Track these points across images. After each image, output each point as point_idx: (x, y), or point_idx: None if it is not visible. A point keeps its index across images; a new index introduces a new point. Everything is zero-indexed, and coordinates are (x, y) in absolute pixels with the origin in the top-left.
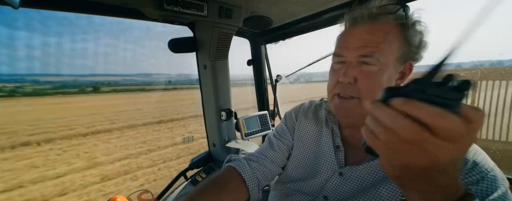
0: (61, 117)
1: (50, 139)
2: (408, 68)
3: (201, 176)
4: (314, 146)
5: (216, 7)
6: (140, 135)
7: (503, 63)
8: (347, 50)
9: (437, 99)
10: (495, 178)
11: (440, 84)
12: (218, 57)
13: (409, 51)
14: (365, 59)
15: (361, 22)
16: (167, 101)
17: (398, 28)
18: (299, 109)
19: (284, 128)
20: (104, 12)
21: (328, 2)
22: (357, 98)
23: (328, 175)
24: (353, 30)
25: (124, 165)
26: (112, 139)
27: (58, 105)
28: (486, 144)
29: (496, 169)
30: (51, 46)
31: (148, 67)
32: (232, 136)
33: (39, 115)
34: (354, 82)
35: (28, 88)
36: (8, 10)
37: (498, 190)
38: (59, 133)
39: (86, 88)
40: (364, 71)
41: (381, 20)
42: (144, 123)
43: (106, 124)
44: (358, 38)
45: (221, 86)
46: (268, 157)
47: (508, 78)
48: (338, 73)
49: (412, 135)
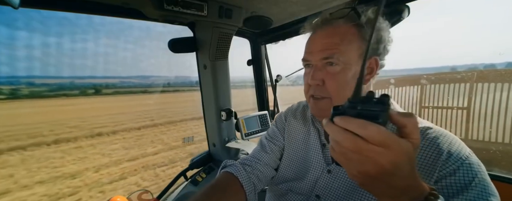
0: (97, 115)
1: (115, 131)
2: (374, 63)
3: (201, 176)
4: (303, 146)
5: (216, 7)
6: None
7: (495, 66)
8: (311, 54)
9: (365, 112)
10: (470, 166)
11: (365, 100)
12: (218, 57)
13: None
14: (327, 60)
15: (319, 28)
16: (189, 101)
17: (354, 28)
18: (288, 111)
19: (275, 129)
20: (104, 12)
21: (328, 2)
22: (328, 97)
23: (318, 173)
24: (314, 36)
25: (197, 147)
26: (167, 131)
27: (72, 106)
28: (487, 145)
29: (471, 156)
30: (46, 47)
31: (147, 68)
32: (232, 136)
33: (71, 114)
34: (322, 83)
35: (24, 91)
36: (8, 10)
37: (475, 179)
38: (116, 127)
39: (87, 90)
40: (329, 72)
41: (335, 24)
42: (181, 119)
43: (148, 121)
44: (319, 43)
45: (221, 86)
46: (262, 160)
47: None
48: (308, 77)
49: (352, 146)
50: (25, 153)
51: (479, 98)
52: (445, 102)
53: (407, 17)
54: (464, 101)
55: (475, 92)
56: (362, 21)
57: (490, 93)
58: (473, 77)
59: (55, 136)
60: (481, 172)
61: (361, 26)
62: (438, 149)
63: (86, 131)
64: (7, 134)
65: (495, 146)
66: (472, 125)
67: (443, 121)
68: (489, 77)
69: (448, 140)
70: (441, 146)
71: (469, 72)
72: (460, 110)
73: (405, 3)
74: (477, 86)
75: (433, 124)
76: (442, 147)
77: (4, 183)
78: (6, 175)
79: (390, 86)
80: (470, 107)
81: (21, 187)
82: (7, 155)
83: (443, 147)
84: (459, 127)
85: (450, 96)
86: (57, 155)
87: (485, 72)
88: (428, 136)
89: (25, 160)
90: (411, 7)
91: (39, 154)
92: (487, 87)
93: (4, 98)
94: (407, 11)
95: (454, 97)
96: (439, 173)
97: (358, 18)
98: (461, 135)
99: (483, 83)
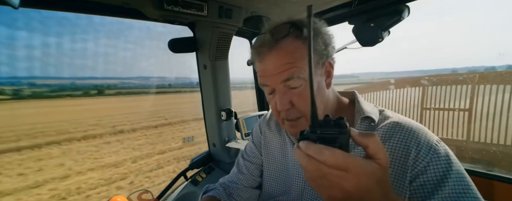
0: (110, 115)
1: (135, 129)
2: (330, 67)
3: (201, 176)
4: (282, 157)
5: (216, 7)
6: (202, 126)
7: (495, 68)
8: (268, 79)
9: (324, 136)
10: (439, 159)
11: (323, 124)
12: (218, 57)
13: (321, 54)
14: (289, 82)
15: (266, 51)
16: (195, 102)
17: (299, 41)
18: (263, 121)
19: (251, 146)
20: (104, 12)
21: (328, 2)
22: (302, 116)
23: (301, 184)
24: (264, 60)
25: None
26: (183, 129)
27: (82, 107)
28: (488, 146)
29: (439, 146)
30: (47, 48)
31: (147, 69)
32: (232, 136)
33: (85, 114)
34: (291, 106)
35: (26, 91)
36: (8, 10)
37: (447, 173)
38: (134, 125)
39: (90, 91)
40: (295, 94)
41: (282, 44)
42: (193, 118)
43: (162, 120)
44: (273, 66)
45: (221, 86)
46: (239, 183)
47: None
48: (274, 102)
49: (316, 171)
50: (62, 147)
51: (481, 99)
52: (447, 104)
53: (407, 17)
54: (466, 103)
55: (477, 94)
56: (305, 34)
57: (492, 94)
58: (475, 79)
59: (82, 133)
60: (452, 164)
61: (305, 38)
62: (406, 148)
63: (108, 128)
64: (37, 131)
65: (496, 147)
66: (474, 127)
67: (445, 122)
68: (491, 78)
69: (415, 134)
70: (408, 143)
71: (470, 73)
72: (462, 111)
73: (405, 3)
74: (479, 88)
75: (396, 114)
76: (410, 145)
77: (60, 170)
78: (57, 164)
79: (390, 87)
80: (472, 108)
81: (76, 173)
82: (47, 148)
83: (410, 144)
84: (461, 128)
85: (452, 98)
86: (92, 149)
87: (486, 74)
88: (394, 136)
89: (65, 153)
90: (411, 7)
91: (75, 147)
92: (489, 89)
93: (9, 99)
94: (407, 11)
95: (456, 99)
96: (411, 173)
97: (301, 33)
98: (463, 137)
99: (485, 85)
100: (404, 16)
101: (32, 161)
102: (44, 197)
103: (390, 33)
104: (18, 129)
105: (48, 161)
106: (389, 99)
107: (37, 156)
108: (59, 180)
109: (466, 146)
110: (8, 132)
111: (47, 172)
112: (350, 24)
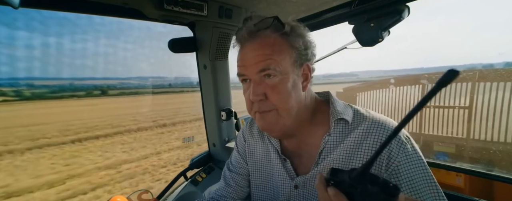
0: (136, 112)
1: (174, 123)
2: (308, 70)
3: (201, 176)
4: (267, 164)
5: (216, 7)
6: None
7: (493, 66)
8: (246, 68)
9: (361, 196)
10: (407, 159)
11: (373, 181)
12: (218, 57)
13: (299, 54)
14: (265, 73)
15: (247, 41)
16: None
17: (281, 37)
18: (245, 129)
19: (237, 156)
20: (104, 12)
21: (328, 2)
22: (274, 109)
23: (287, 190)
24: (244, 49)
25: None
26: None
27: (97, 106)
28: (488, 145)
29: (407, 145)
30: (46, 48)
31: (147, 69)
32: (232, 136)
33: (113, 112)
34: (265, 98)
35: (26, 92)
36: (8, 10)
37: (417, 169)
38: (168, 121)
39: (93, 91)
40: (269, 85)
41: (262, 35)
42: None
43: (190, 116)
44: (251, 56)
45: (221, 86)
46: (228, 196)
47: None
48: (248, 94)
49: None
50: (130, 136)
51: (481, 97)
52: (447, 102)
53: (407, 17)
54: (466, 100)
55: (477, 91)
56: (287, 30)
57: (492, 92)
58: (475, 77)
59: (134, 126)
60: (420, 162)
61: (287, 34)
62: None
63: (150, 123)
64: (90, 126)
65: (496, 146)
66: (474, 124)
67: (445, 120)
68: (491, 76)
69: (387, 133)
70: (380, 143)
71: (470, 71)
72: (462, 109)
73: (405, 3)
74: (479, 86)
75: (370, 112)
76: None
77: (124, 156)
78: (140, 146)
79: (390, 86)
80: (472, 106)
81: (156, 154)
82: (119, 136)
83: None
84: (461, 126)
85: (451, 95)
86: (153, 137)
87: (485, 72)
88: (369, 137)
89: (137, 139)
90: (411, 7)
91: (139, 137)
92: (489, 87)
93: (13, 100)
94: (407, 11)
95: (456, 96)
96: (386, 172)
97: (282, 27)
98: (463, 135)
99: (485, 83)
100: (404, 16)
101: (119, 144)
102: (137, 169)
103: (390, 33)
104: (72, 124)
105: (131, 145)
106: (389, 97)
107: (119, 141)
108: (144, 158)
109: (466, 145)
110: (70, 126)
111: (135, 152)
112: (350, 24)
